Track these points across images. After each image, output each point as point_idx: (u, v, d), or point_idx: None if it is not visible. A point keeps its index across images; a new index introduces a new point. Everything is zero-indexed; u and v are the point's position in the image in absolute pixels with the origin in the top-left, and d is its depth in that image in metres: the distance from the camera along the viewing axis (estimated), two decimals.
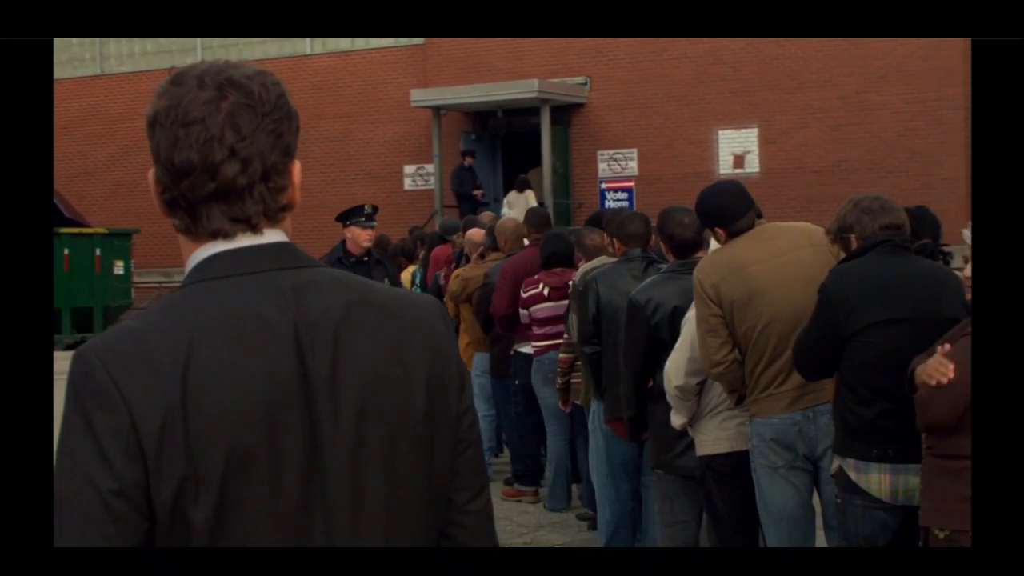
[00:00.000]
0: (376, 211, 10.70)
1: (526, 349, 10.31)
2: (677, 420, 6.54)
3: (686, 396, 6.40)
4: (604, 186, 26.17)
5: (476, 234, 12.16)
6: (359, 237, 10.56)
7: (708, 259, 6.30)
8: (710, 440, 6.44)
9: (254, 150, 2.13)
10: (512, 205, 23.60)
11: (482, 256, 11.60)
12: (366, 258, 10.49)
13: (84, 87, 30.80)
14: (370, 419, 2.14)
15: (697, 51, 24.68)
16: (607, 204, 25.68)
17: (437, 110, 26.11)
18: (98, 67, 30.97)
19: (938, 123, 23.22)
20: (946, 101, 23.12)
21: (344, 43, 28.07)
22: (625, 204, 25.21)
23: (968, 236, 4.84)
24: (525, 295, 9.67)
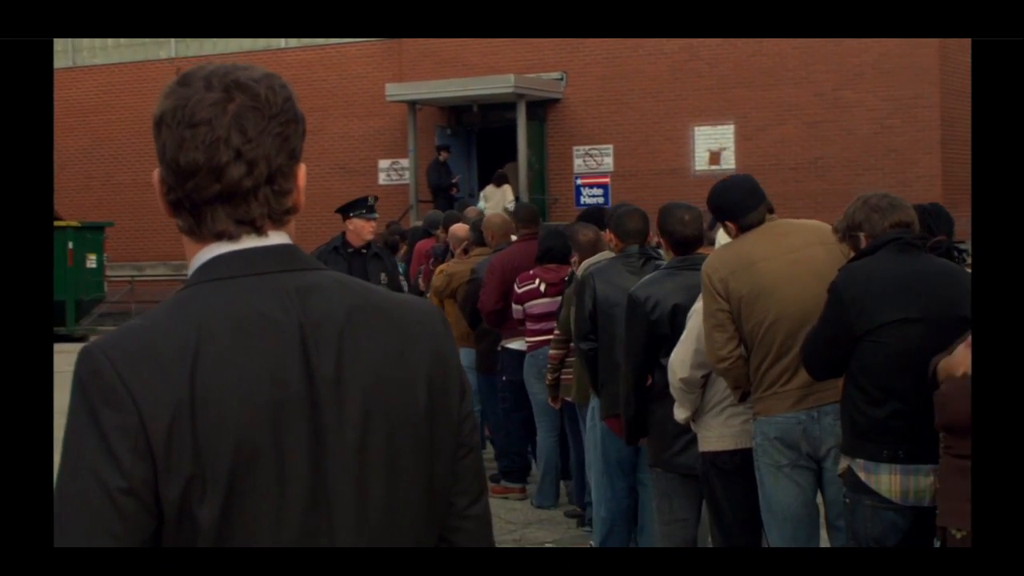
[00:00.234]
0: (377, 201, 10.69)
1: (514, 345, 10.26)
2: (681, 414, 6.50)
3: (691, 389, 6.36)
4: (579, 182, 26.18)
5: (460, 229, 12.10)
6: (363, 229, 10.51)
7: (717, 253, 6.26)
8: (714, 436, 6.40)
9: (260, 153, 2.14)
10: (489, 199, 23.56)
11: (465, 251, 11.54)
12: (364, 250, 10.42)
13: (56, 79, 30.53)
14: (374, 421, 2.15)
15: (673, 47, 24.71)
16: (582, 200, 25.69)
17: (412, 105, 26.07)
18: (70, 59, 30.76)
19: (914, 121, 23.30)
20: (922, 99, 23.20)
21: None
22: (600, 200, 25.21)
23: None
24: (520, 290, 9.61)
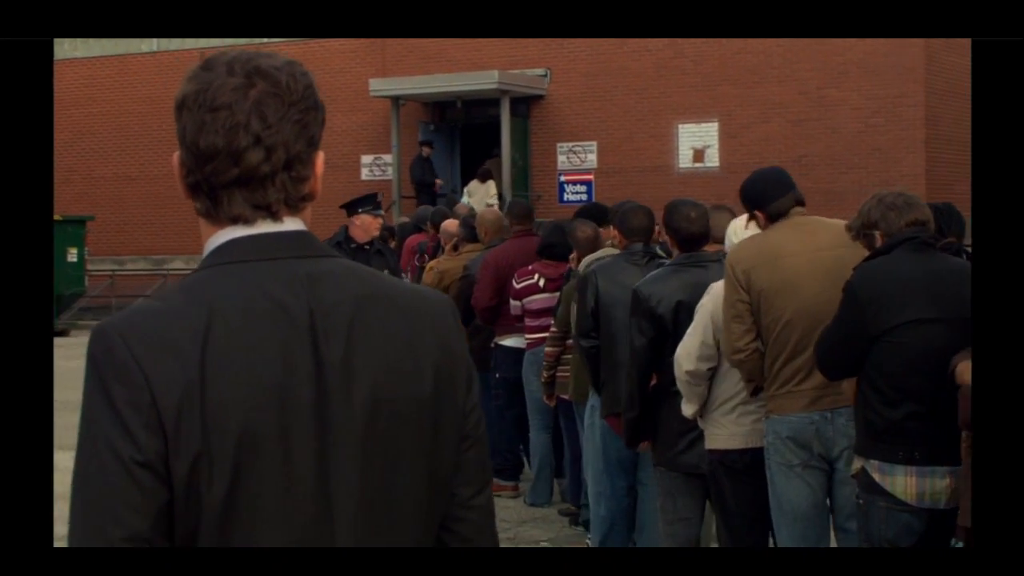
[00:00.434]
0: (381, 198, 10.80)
1: (508, 342, 10.21)
2: (688, 409, 6.47)
3: (696, 382, 6.33)
4: (563, 179, 26.13)
5: (451, 225, 12.04)
6: (371, 226, 10.55)
7: (744, 244, 6.24)
8: (724, 435, 6.37)
9: (279, 139, 2.16)
10: (473, 194, 23.50)
11: (455, 247, 11.49)
12: (367, 246, 10.40)
13: None
14: (380, 408, 2.17)
15: (658, 44, 24.65)
16: (565, 197, 25.65)
17: (396, 100, 25.98)
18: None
19: (898, 120, 23.31)
20: (906, 98, 23.21)
21: None
22: (584, 197, 25.16)
23: None
24: (519, 286, 9.55)
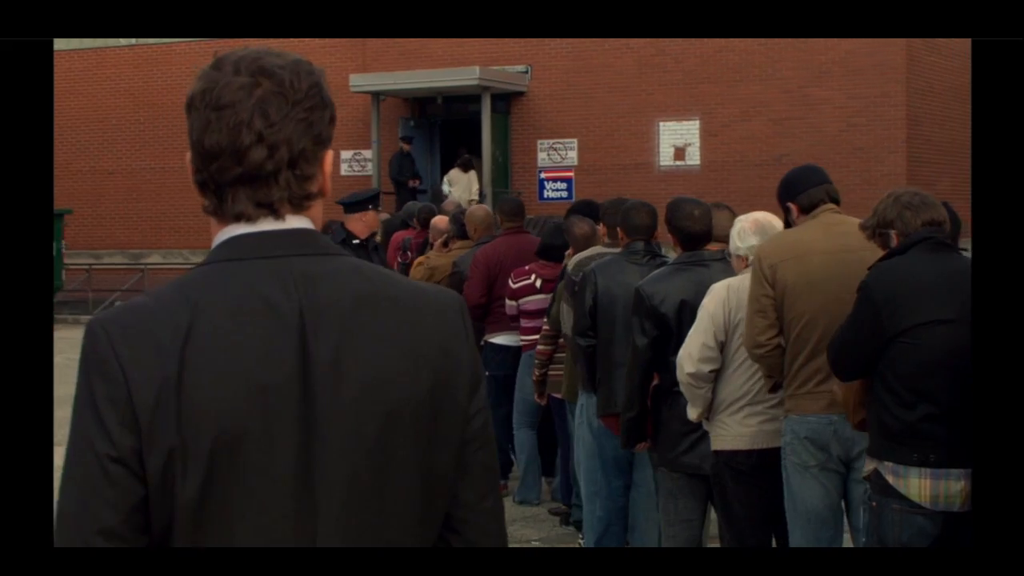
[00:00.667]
0: None
1: (498, 340, 10.15)
2: (692, 412, 6.41)
3: (699, 384, 6.27)
4: (543, 175, 26.07)
5: (440, 221, 11.97)
6: (374, 222, 10.74)
7: (773, 239, 6.21)
8: (730, 436, 6.30)
9: (281, 137, 2.18)
10: (455, 183, 23.41)
11: (445, 244, 11.41)
12: (366, 242, 10.40)
13: None
14: (369, 410, 2.15)
15: (640, 42, 24.61)
16: (546, 194, 25.60)
17: (376, 95, 25.89)
18: None
19: (879, 119, 23.33)
20: (888, 97, 23.24)
21: None
22: (564, 195, 25.13)
23: None
24: (515, 286, 9.47)
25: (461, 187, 23.07)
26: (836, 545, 6.04)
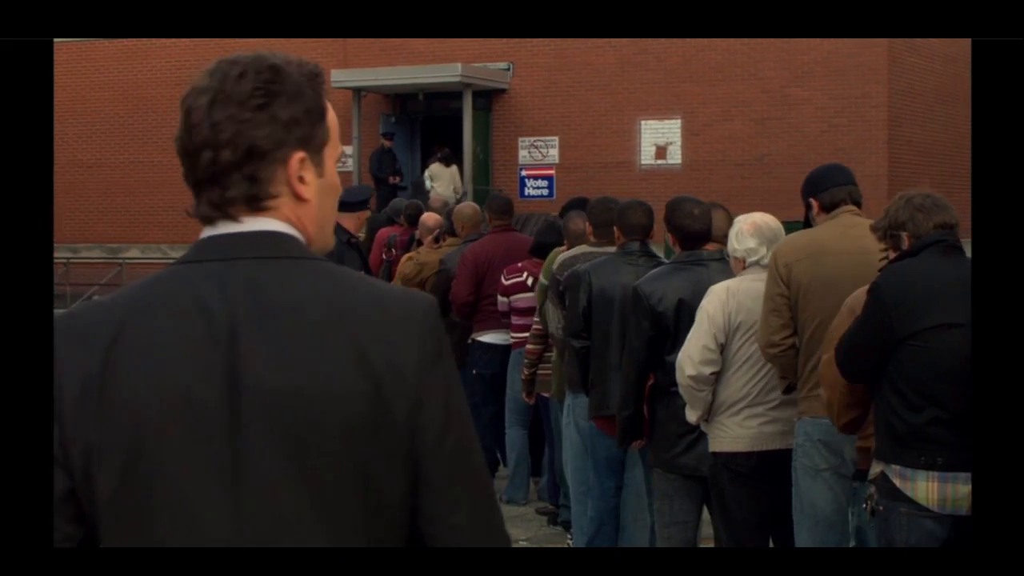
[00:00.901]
0: None
1: (486, 338, 10.12)
2: (692, 415, 6.37)
3: (700, 387, 6.23)
4: (524, 173, 26.02)
5: (429, 218, 11.91)
6: (364, 219, 10.62)
7: (790, 238, 6.21)
8: (729, 438, 6.26)
9: (223, 138, 2.18)
10: (437, 178, 23.33)
11: (437, 240, 11.37)
12: (354, 240, 10.34)
13: None
14: (298, 416, 2.11)
15: (621, 41, 24.56)
16: (526, 192, 25.55)
17: (357, 91, 25.79)
18: None
19: (861, 120, 23.35)
20: (869, 98, 23.26)
21: None
22: (545, 192, 25.10)
23: None
24: (507, 283, 9.43)
25: (444, 182, 23.00)
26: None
